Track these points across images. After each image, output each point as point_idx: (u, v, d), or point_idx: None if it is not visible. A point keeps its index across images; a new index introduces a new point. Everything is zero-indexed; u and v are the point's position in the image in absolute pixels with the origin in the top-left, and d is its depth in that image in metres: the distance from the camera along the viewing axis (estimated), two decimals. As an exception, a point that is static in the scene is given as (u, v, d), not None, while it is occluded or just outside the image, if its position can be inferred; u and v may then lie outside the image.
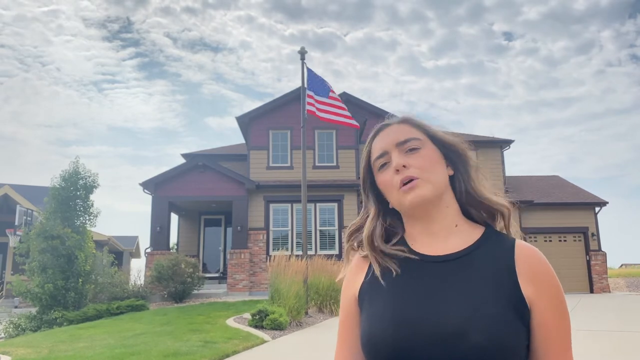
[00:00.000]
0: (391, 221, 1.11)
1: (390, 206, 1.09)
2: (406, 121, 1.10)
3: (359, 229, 1.15)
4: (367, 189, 1.12)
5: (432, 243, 1.03)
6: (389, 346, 0.93)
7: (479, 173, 1.09)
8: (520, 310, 0.93)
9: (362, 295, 1.06)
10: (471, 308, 0.91)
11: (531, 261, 0.97)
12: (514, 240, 1.02)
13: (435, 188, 1.02)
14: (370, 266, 1.09)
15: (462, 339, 0.88)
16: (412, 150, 1.04)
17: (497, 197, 1.07)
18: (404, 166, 1.02)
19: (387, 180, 1.05)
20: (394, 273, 1.03)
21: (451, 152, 1.08)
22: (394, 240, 1.08)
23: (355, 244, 1.14)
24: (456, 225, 1.04)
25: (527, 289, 0.94)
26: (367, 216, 1.13)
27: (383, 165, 1.06)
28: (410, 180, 1.01)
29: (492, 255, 0.99)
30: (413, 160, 1.02)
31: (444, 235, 1.03)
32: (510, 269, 0.96)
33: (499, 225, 1.07)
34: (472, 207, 1.07)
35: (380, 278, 1.04)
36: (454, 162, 1.08)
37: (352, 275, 1.12)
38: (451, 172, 1.07)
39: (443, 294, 0.95)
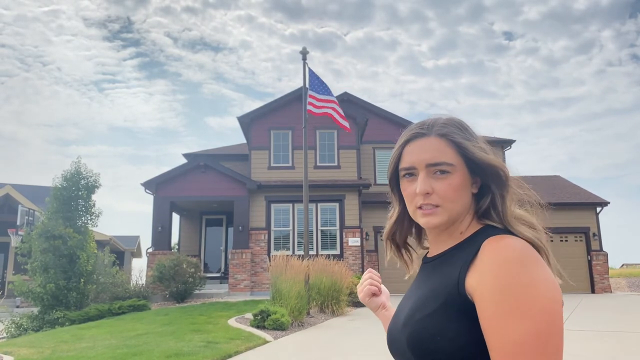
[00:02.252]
0: None
1: None
2: (445, 136, 1.02)
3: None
4: (393, 188, 1.13)
5: (435, 248, 1.09)
6: (387, 341, 1.08)
7: (515, 198, 1.03)
8: (462, 305, 0.88)
9: None
10: (413, 304, 0.99)
11: (485, 253, 0.89)
12: (491, 236, 0.94)
13: (452, 217, 1.01)
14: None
15: (403, 331, 0.97)
16: (442, 172, 1.00)
17: (531, 230, 0.98)
18: (427, 193, 1.00)
19: (409, 192, 1.05)
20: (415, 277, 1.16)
21: (488, 175, 1.02)
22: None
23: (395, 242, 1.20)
24: (461, 233, 1.03)
25: (471, 279, 0.88)
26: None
27: (409, 175, 1.04)
28: (430, 205, 1.01)
29: (464, 251, 0.96)
30: (439, 186, 0.99)
31: (445, 241, 1.05)
32: (465, 263, 0.91)
33: None
34: (490, 220, 1.02)
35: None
36: (487, 183, 1.03)
37: None
38: (475, 190, 1.04)
39: (414, 292, 1.05)
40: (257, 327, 8.89)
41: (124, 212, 69.50)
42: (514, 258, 0.85)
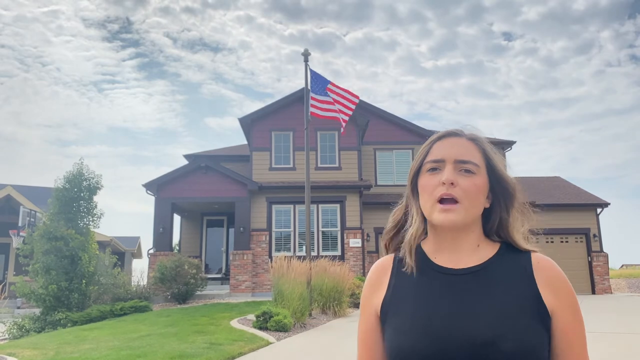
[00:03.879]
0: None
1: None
2: (475, 141, 1.11)
3: (397, 227, 1.18)
4: (414, 185, 1.13)
5: (453, 258, 1.07)
6: (421, 356, 0.97)
7: (519, 217, 1.11)
8: (543, 318, 0.99)
9: (384, 309, 1.09)
10: (498, 318, 0.97)
11: (549, 272, 1.04)
12: (529, 252, 1.08)
13: (468, 218, 1.05)
14: (390, 280, 1.12)
15: (492, 347, 0.94)
16: (467, 172, 1.05)
17: (527, 243, 1.10)
18: (452, 183, 1.03)
19: (430, 185, 1.07)
20: (418, 285, 1.07)
21: (502, 188, 1.10)
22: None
23: (391, 245, 1.18)
24: (478, 245, 1.09)
25: (548, 298, 1.01)
26: (404, 212, 1.16)
27: (433, 169, 1.08)
28: (451, 199, 1.03)
29: (511, 266, 1.05)
30: (463, 181, 1.04)
31: (467, 253, 1.07)
32: (530, 279, 1.03)
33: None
34: (497, 235, 1.11)
35: (406, 289, 1.08)
36: (498, 198, 1.10)
37: (371, 289, 1.14)
38: (487, 205, 1.10)
39: (470, 304, 1.00)
40: (260, 328, 8.90)
41: (123, 212, 69.53)
42: (567, 278, 1.06)
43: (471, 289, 1.03)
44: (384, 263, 1.16)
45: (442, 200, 1.04)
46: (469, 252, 1.07)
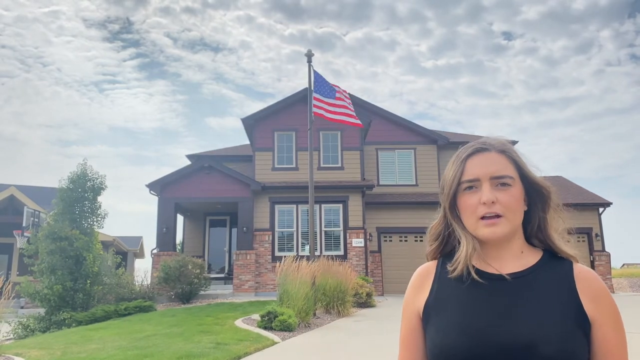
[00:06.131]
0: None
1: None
2: (504, 152, 1.13)
3: (442, 241, 1.20)
4: (451, 204, 1.15)
5: (498, 265, 1.11)
6: (462, 356, 1.02)
7: (556, 216, 1.15)
8: (583, 325, 1.02)
9: (427, 310, 1.13)
10: (540, 322, 1.01)
11: (590, 282, 1.07)
12: (571, 262, 1.12)
13: (513, 228, 1.09)
14: (433, 284, 1.16)
15: (532, 350, 0.97)
16: (503, 185, 1.09)
17: (566, 245, 1.14)
18: (492, 202, 1.07)
19: (471, 205, 1.10)
20: (462, 288, 1.11)
21: (536, 192, 1.14)
22: (456, 256, 1.13)
23: (435, 256, 1.22)
24: (522, 252, 1.13)
25: (589, 307, 1.04)
26: (442, 226, 1.19)
27: (470, 188, 1.11)
28: (494, 216, 1.07)
29: (553, 275, 1.08)
30: (502, 196, 1.08)
31: (510, 259, 1.11)
32: (572, 288, 1.06)
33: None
34: (537, 239, 1.15)
35: (450, 292, 1.12)
36: (534, 201, 1.14)
37: (414, 292, 1.19)
38: (525, 208, 1.13)
39: (512, 309, 1.04)
40: (265, 328, 8.93)
41: (124, 212, 69.63)
42: (608, 290, 1.09)
43: (514, 293, 1.07)
44: (428, 268, 1.21)
45: (484, 216, 1.08)
46: (513, 259, 1.11)
